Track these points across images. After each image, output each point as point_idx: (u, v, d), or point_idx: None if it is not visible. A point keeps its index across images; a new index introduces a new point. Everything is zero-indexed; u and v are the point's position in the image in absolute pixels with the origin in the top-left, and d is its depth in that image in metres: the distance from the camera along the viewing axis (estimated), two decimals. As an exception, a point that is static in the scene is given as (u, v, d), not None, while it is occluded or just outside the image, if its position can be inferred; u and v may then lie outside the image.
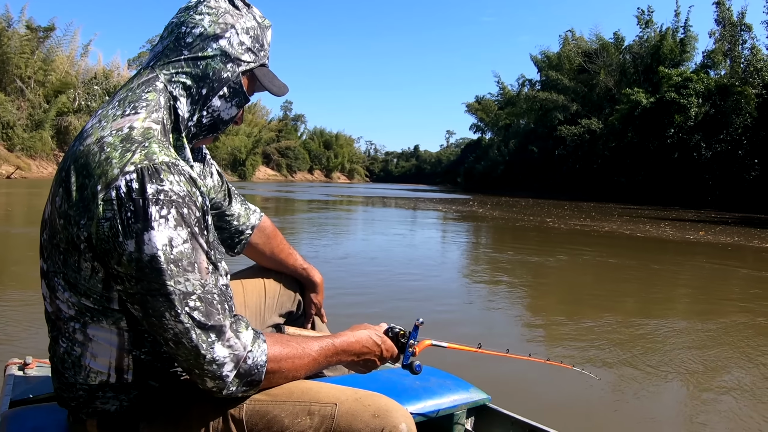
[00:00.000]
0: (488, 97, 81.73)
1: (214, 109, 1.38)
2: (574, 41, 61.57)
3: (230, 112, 1.42)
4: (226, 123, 1.44)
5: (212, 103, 1.37)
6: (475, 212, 24.77)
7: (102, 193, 1.14)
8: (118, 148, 1.18)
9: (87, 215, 1.16)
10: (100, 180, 1.15)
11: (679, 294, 7.96)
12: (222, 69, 1.35)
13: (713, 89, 42.14)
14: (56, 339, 1.31)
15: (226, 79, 1.36)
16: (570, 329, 5.47)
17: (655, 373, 4.19)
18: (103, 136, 1.21)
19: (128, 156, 1.16)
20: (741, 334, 5.50)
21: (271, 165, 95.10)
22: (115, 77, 57.35)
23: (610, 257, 11.33)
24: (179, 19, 1.37)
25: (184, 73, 1.33)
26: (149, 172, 1.14)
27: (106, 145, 1.19)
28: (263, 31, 1.44)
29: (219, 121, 1.42)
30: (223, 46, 1.35)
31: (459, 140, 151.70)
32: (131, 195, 1.13)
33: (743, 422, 3.41)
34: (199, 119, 1.38)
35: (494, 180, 67.54)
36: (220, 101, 1.38)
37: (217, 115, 1.40)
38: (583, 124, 51.95)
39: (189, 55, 1.33)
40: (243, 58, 1.38)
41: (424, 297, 6.71)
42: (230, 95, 1.39)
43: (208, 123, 1.40)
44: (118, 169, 1.15)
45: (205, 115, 1.38)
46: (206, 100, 1.36)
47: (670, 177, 41.42)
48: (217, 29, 1.35)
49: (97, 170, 1.16)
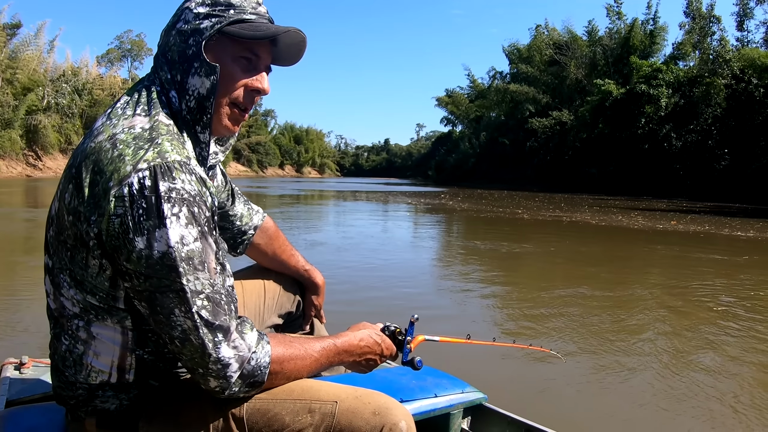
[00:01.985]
0: (459, 91, 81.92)
1: (192, 89, 1.33)
2: (546, 32, 61.67)
3: (205, 84, 1.32)
4: (207, 97, 1.34)
5: (189, 83, 1.32)
6: (445, 205, 24.94)
7: (114, 190, 1.14)
8: (131, 146, 1.18)
9: (98, 211, 1.16)
10: (113, 176, 1.15)
11: (657, 282, 7.80)
12: (185, 48, 1.32)
13: (683, 80, 42.36)
14: (58, 336, 1.31)
15: (191, 54, 1.31)
16: (545, 316, 5.56)
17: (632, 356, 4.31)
18: (115, 134, 1.21)
19: (141, 153, 1.17)
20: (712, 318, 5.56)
21: (241, 161, 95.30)
22: (84, 74, 56.92)
23: (581, 246, 11.55)
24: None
25: (163, 69, 1.34)
26: (162, 170, 1.15)
27: (118, 142, 1.19)
28: None
29: (200, 98, 1.33)
30: (180, 27, 1.32)
31: (429, 133, 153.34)
32: (143, 192, 1.13)
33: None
34: (186, 104, 1.33)
35: (465, 173, 67.85)
36: (194, 78, 1.32)
37: (197, 93, 1.33)
38: (554, 116, 52.26)
39: (161, 55, 1.35)
40: (202, 27, 1.32)
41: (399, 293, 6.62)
42: (199, 68, 1.32)
43: (195, 104, 1.34)
44: (131, 166, 1.15)
45: (188, 98, 1.33)
46: (184, 84, 1.32)
47: (641, 167, 41.50)
48: (174, 18, 1.35)
49: (110, 167, 1.16)
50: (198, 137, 1.36)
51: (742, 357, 4.41)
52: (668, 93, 41.49)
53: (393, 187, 52.81)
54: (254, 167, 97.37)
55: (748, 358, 4.38)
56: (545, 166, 51.84)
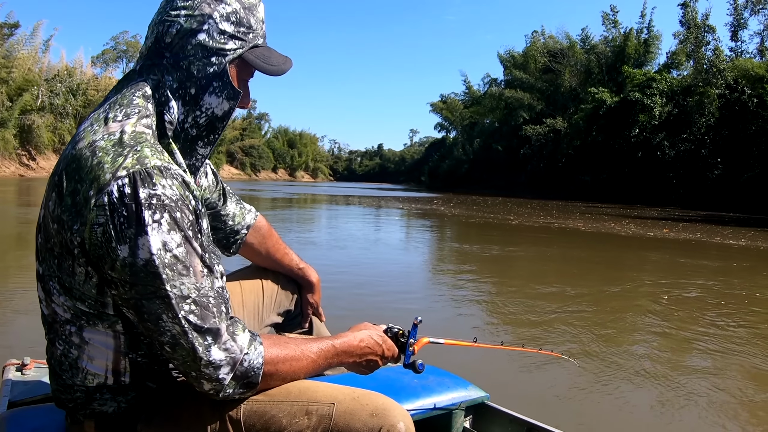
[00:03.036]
0: (453, 96, 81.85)
1: (207, 107, 1.33)
2: (543, 38, 61.84)
3: (222, 107, 1.34)
4: (222, 119, 1.36)
5: (204, 101, 1.32)
6: (437, 210, 25.05)
7: (94, 198, 1.13)
8: (110, 153, 1.17)
9: (80, 220, 1.15)
10: (93, 185, 1.14)
11: (657, 282, 7.78)
12: (207, 64, 1.30)
13: (677, 89, 42.49)
14: (53, 341, 1.31)
15: (213, 74, 1.31)
16: (545, 316, 5.63)
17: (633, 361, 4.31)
18: (95, 140, 1.20)
19: (120, 160, 1.15)
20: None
21: (235, 164, 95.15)
22: (78, 75, 56.87)
23: (573, 251, 11.60)
24: (158, 17, 1.31)
25: (170, 76, 1.29)
26: (141, 177, 1.14)
27: (98, 150, 1.18)
28: (249, 12, 1.34)
29: (214, 118, 1.35)
30: (203, 40, 1.29)
31: (423, 139, 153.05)
32: (123, 200, 1.12)
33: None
34: (195, 119, 1.33)
35: (459, 179, 67.81)
36: (212, 97, 1.32)
37: (211, 112, 1.34)
38: (548, 123, 52.23)
39: (170, 57, 1.29)
40: (227, 48, 1.31)
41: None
42: (220, 90, 1.32)
43: (205, 122, 1.34)
44: (110, 174, 1.14)
45: (199, 114, 1.33)
46: (197, 99, 1.31)
47: (635, 176, 41.56)
48: (194, 23, 1.28)
49: (89, 175, 1.15)
50: (197, 150, 1.36)
51: (744, 357, 4.43)
52: (662, 102, 41.60)
53: (386, 192, 52.88)
54: (247, 170, 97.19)
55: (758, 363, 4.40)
56: (539, 173, 51.79)
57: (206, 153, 1.40)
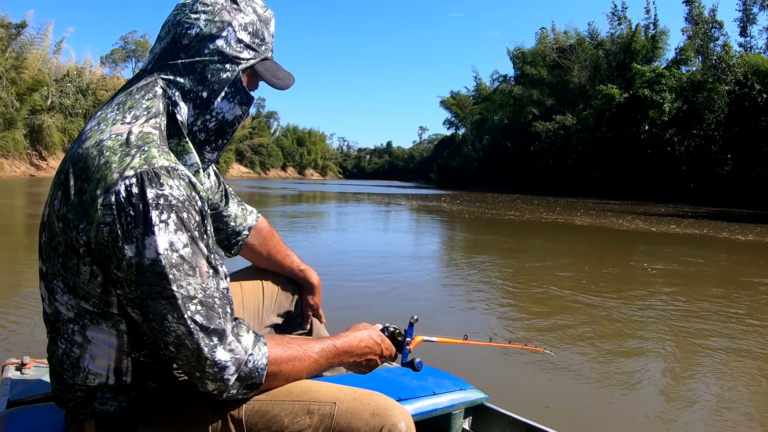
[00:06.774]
0: (463, 93, 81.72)
1: (218, 111, 1.34)
2: (552, 35, 61.72)
3: (234, 112, 1.37)
4: (232, 124, 1.38)
5: (215, 105, 1.33)
6: (445, 207, 24.99)
7: (101, 198, 1.13)
8: (118, 152, 1.17)
9: (86, 219, 1.15)
10: (99, 184, 1.14)
11: (656, 283, 7.76)
12: (221, 70, 1.32)
13: (686, 85, 42.21)
14: (55, 340, 1.30)
15: (226, 79, 1.33)
16: (541, 316, 5.63)
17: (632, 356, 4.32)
18: (102, 140, 1.20)
19: (128, 160, 1.16)
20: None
21: (244, 162, 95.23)
22: (87, 75, 56.97)
23: (579, 247, 11.58)
24: (175, 18, 1.33)
25: (183, 77, 1.30)
26: (149, 177, 1.14)
27: (105, 149, 1.18)
28: (264, 24, 1.39)
29: (224, 123, 1.37)
30: (220, 46, 1.31)
31: (432, 136, 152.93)
32: (131, 200, 1.12)
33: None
34: (204, 123, 1.34)
35: (468, 176, 67.74)
36: (223, 102, 1.34)
37: (222, 117, 1.36)
38: (558, 119, 52.21)
39: (186, 58, 1.30)
40: (242, 56, 1.34)
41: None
42: (232, 95, 1.35)
43: (215, 126, 1.36)
44: (118, 173, 1.14)
45: (209, 118, 1.34)
46: (209, 103, 1.33)
47: (644, 172, 41.34)
48: (213, 29, 1.31)
49: (96, 174, 1.15)
50: (203, 155, 1.38)
51: (745, 358, 4.41)
52: (671, 98, 41.33)
53: (395, 189, 52.93)
54: (256, 169, 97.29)
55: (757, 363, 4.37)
56: (548, 170, 51.72)
57: (213, 158, 1.41)
